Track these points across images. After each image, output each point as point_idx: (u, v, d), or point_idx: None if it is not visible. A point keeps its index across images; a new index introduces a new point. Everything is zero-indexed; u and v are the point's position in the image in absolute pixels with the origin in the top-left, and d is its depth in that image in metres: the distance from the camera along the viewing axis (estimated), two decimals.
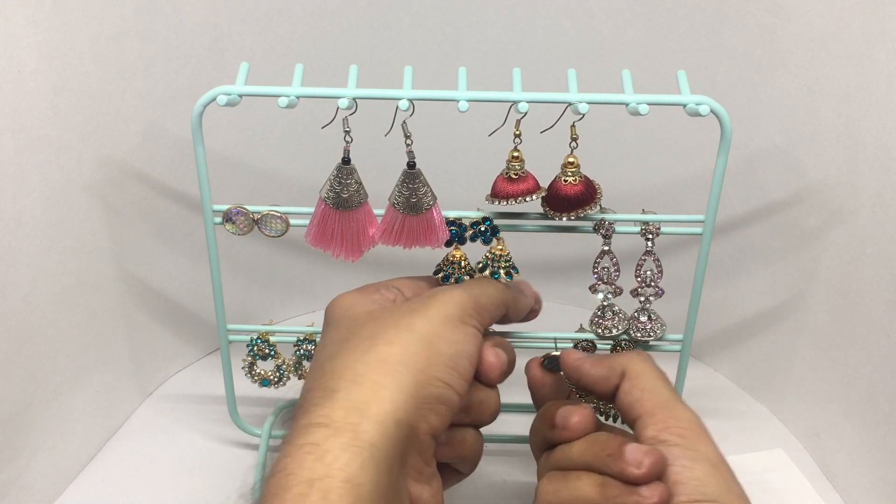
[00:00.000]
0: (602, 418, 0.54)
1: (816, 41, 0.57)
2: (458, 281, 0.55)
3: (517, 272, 0.55)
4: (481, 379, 0.48)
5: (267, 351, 0.60)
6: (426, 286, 0.53)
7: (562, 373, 0.53)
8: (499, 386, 0.51)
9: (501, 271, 0.55)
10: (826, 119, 0.58)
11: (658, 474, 0.43)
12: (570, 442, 0.47)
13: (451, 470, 0.50)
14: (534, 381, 0.54)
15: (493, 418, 0.50)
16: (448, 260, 0.55)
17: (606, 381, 0.49)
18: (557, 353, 0.53)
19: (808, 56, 0.58)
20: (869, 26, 0.53)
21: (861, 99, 0.55)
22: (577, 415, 0.47)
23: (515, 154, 0.52)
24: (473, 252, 0.56)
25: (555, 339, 0.56)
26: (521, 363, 0.53)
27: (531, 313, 0.55)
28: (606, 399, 0.49)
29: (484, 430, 0.51)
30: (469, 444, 0.48)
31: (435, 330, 0.45)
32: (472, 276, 0.55)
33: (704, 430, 0.46)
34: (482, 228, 0.55)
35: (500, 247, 0.55)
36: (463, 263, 0.55)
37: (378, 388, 0.41)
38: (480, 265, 0.55)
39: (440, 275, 0.55)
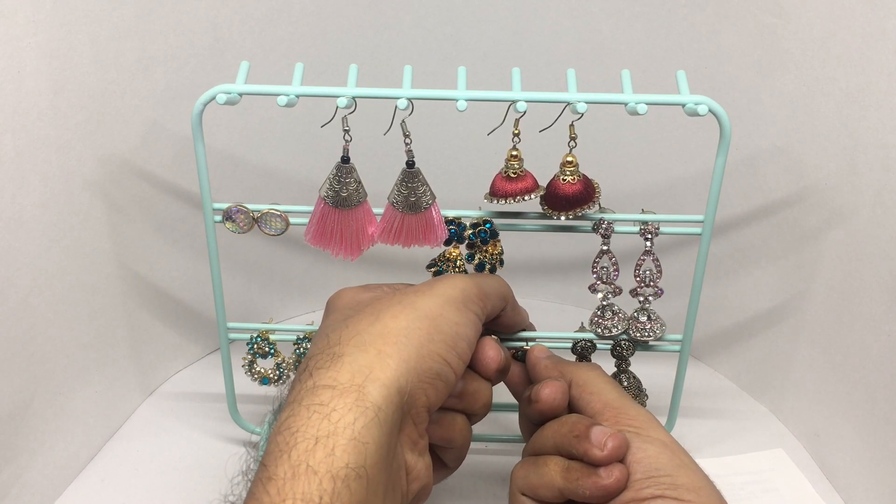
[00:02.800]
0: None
1: (816, 41, 0.57)
2: None
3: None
4: (479, 370, 0.50)
5: (267, 349, 0.60)
6: None
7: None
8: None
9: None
10: (826, 119, 0.57)
11: (619, 457, 0.45)
12: (544, 419, 0.50)
13: (438, 463, 0.50)
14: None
15: (484, 410, 0.51)
16: (443, 257, 0.55)
17: None
18: (528, 348, 0.56)
19: (808, 56, 0.58)
20: (869, 26, 0.53)
21: (861, 99, 0.55)
22: (547, 387, 0.50)
23: (514, 153, 0.52)
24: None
25: (526, 340, 0.57)
26: None
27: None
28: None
29: (483, 428, 0.51)
30: (458, 428, 0.50)
31: (438, 310, 0.46)
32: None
33: (655, 421, 0.49)
34: (481, 231, 0.55)
35: (455, 251, 0.56)
36: (458, 262, 0.55)
37: (382, 356, 0.43)
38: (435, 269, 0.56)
39: (433, 269, 0.56)
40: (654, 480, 0.45)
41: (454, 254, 0.55)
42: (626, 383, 0.59)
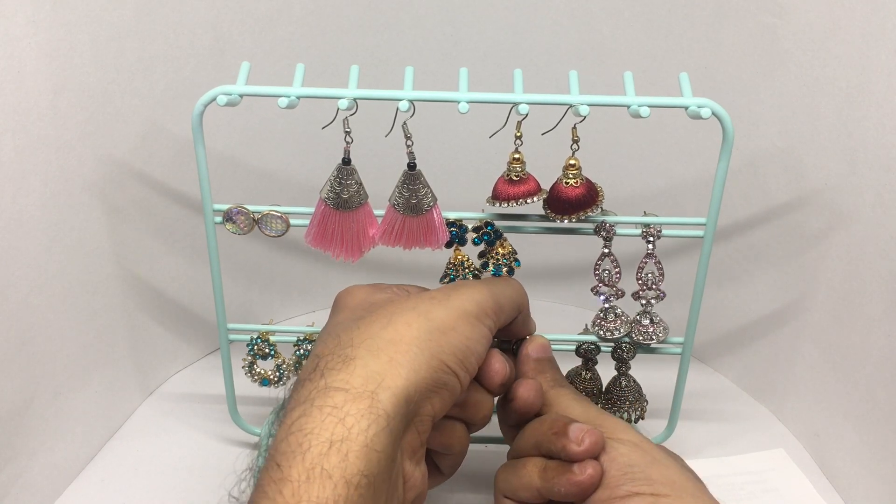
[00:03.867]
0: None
1: (816, 41, 0.57)
2: None
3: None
4: (483, 382, 0.50)
5: (267, 350, 0.60)
6: None
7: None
8: None
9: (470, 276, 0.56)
10: (826, 119, 0.58)
11: (595, 453, 0.46)
12: (520, 420, 0.51)
13: (434, 470, 0.51)
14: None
15: (484, 422, 0.51)
16: (452, 263, 0.55)
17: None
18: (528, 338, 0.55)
19: (808, 56, 0.57)
20: (869, 26, 0.53)
21: (861, 99, 0.55)
22: (521, 385, 0.51)
23: (516, 156, 0.52)
24: (473, 253, 0.56)
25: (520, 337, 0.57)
26: None
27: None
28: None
29: (484, 429, 0.51)
30: (458, 436, 0.50)
31: (452, 323, 0.46)
32: (478, 277, 0.55)
33: (625, 425, 0.49)
34: (484, 233, 0.55)
35: (459, 255, 0.55)
36: (467, 264, 0.55)
37: (394, 364, 0.43)
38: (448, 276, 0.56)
39: (446, 280, 0.55)
40: (629, 477, 0.45)
41: (461, 257, 0.55)
42: (625, 386, 0.59)
